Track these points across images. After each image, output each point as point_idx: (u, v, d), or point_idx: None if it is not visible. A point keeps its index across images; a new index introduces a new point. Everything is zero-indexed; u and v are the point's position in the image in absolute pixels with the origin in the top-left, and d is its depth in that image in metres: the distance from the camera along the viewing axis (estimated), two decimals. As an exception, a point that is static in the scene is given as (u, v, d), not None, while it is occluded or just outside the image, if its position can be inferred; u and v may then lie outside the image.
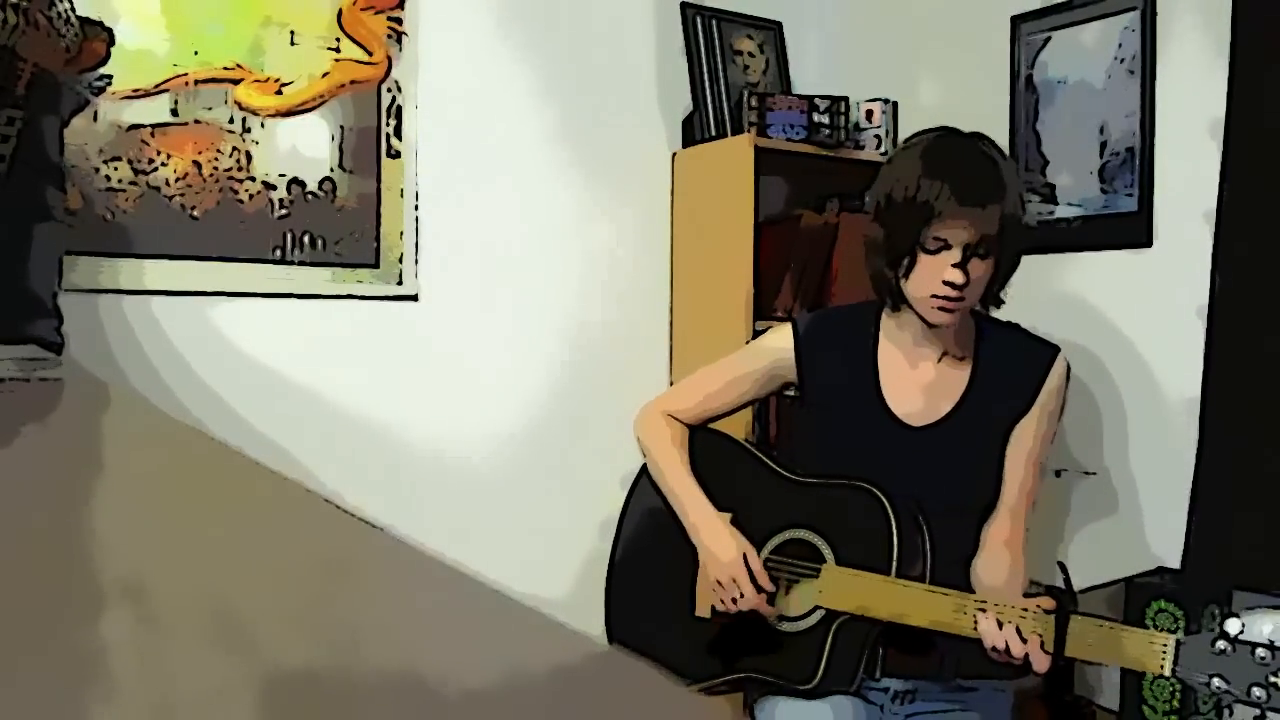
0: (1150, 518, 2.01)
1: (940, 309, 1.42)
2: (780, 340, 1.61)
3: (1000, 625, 1.29)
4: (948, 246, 1.40)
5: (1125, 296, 2.06)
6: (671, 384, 2.50)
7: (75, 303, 1.77)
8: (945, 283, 1.40)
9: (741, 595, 1.49)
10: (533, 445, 2.39)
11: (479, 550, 2.22)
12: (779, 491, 1.56)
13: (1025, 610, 1.30)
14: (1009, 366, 1.51)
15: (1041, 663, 1.27)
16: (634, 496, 1.75)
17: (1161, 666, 1.18)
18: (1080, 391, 2.09)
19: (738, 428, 2.11)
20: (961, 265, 1.39)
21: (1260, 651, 1.12)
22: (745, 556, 1.50)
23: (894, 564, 1.39)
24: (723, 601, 1.51)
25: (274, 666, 0.29)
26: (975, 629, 1.31)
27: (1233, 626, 1.15)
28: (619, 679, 0.30)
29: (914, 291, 1.44)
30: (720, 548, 1.52)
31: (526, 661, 0.29)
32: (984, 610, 1.31)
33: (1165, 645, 1.18)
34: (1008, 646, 1.28)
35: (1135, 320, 2.04)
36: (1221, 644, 1.15)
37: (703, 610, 1.60)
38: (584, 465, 2.40)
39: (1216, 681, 1.14)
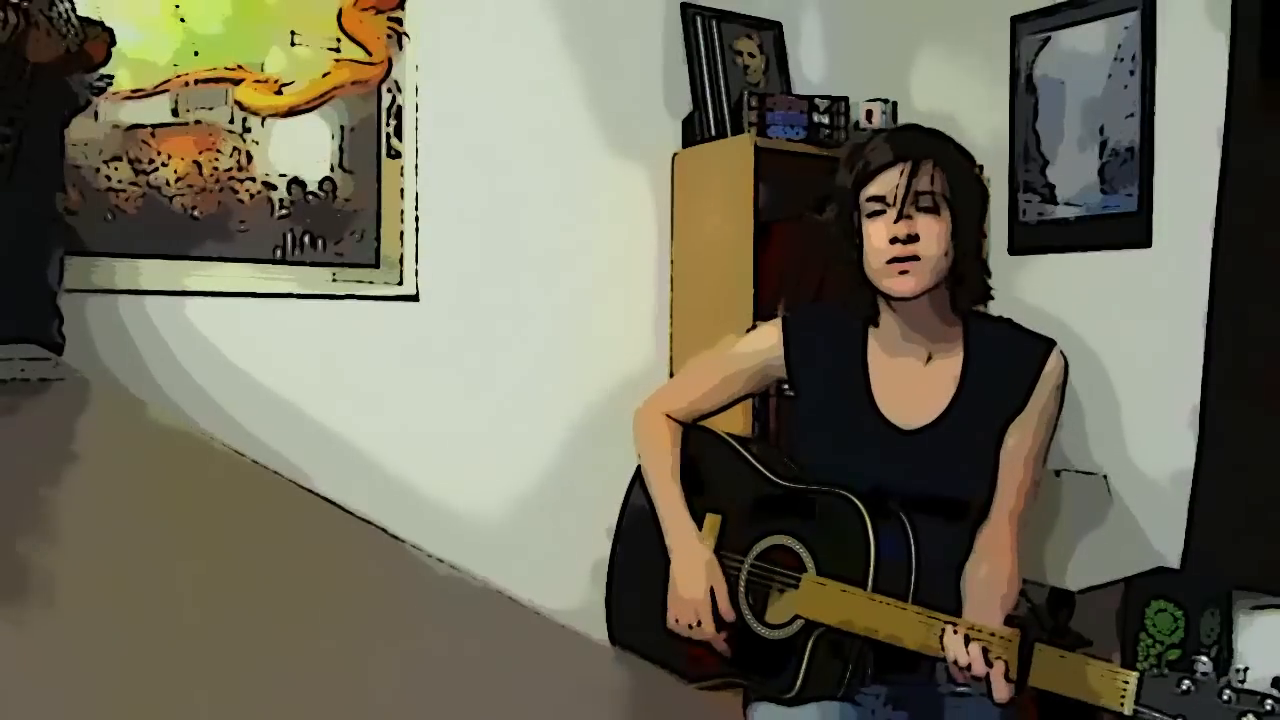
0: (1150, 518, 2.01)
1: (899, 273, 1.40)
2: (769, 339, 1.59)
3: (967, 642, 1.27)
4: (885, 204, 1.40)
5: (1125, 296, 2.06)
6: (671, 384, 2.50)
7: (76, 303, 1.77)
8: (892, 240, 1.38)
9: (698, 629, 1.48)
10: (532, 445, 2.39)
11: (479, 552, 2.23)
12: (766, 496, 1.54)
13: (994, 634, 1.28)
14: (1001, 363, 1.47)
15: (1001, 690, 1.25)
16: (631, 496, 1.74)
17: (1122, 704, 1.15)
18: (1080, 391, 2.09)
19: (737, 425, 2.11)
20: (903, 218, 1.39)
21: (1225, 693, 1.10)
22: (713, 590, 1.50)
23: (870, 578, 1.36)
24: (689, 628, 1.51)
25: (273, 666, 0.29)
26: (941, 644, 1.29)
27: (1201, 665, 1.13)
28: (622, 680, 0.30)
29: (872, 266, 1.42)
30: (688, 582, 1.52)
31: (530, 662, 0.29)
32: (954, 627, 1.29)
33: (1126, 681, 1.15)
34: (970, 664, 1.26)
35: (1135, 320, 2.04)
36: (1186, 684, 1.12)
37: None
38: (583, 464, 2.40)
39: None
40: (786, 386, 1.64)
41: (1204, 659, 1.14)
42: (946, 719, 1.49)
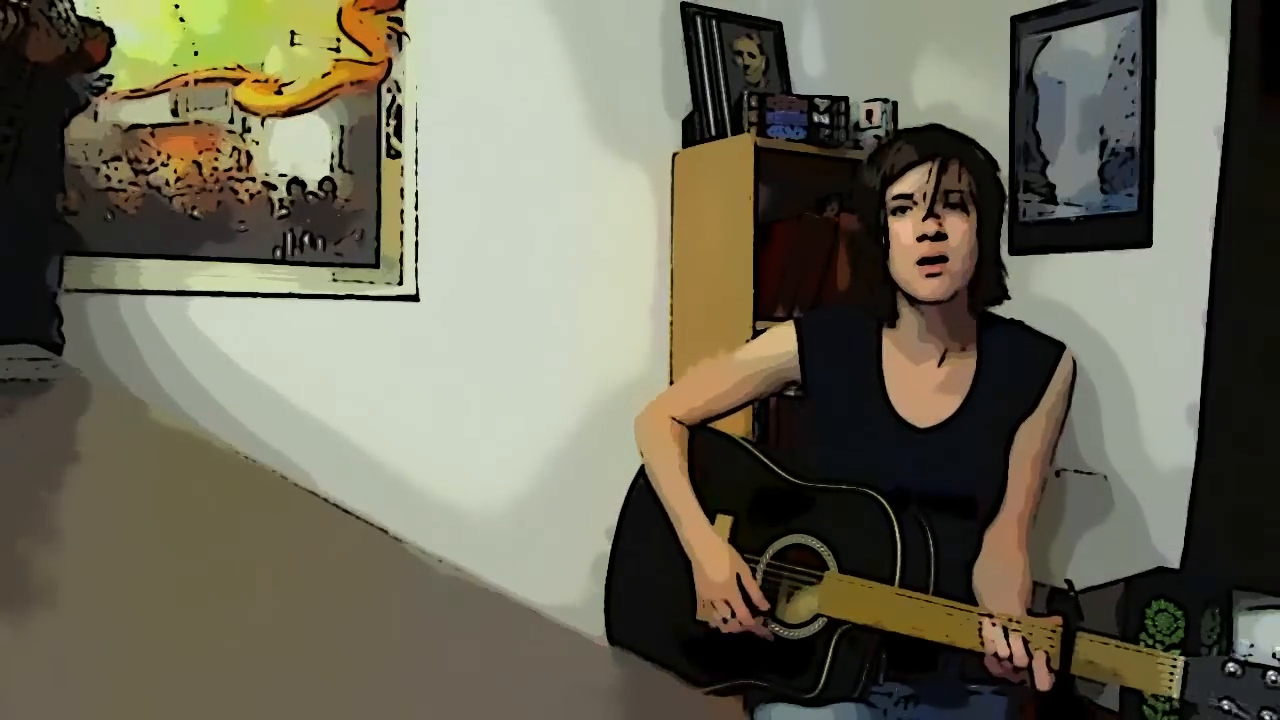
0: (1150, 518, 2.01)
1: (928, 275, 1.40)
2: (784, 342, 1.59)
3: (1007, 634, 1.27)
4: (913, 202, 1.40)
5: (1125, 296, 2.06)
6: (671, 383, 2.50)
7: (76, 303, 1.77)
8: (920, 237, 1.39)
9: (734, 615, 1.47)
10: (532, 444, 2.39)
11: (479, 551, 2.23)
12: (781, 495, 1.54)
13: (1031, 626, 1.27)
14: (1013, 365, 1.49)
15: (1044, 679, 1.25)
16: (633, 497, 1.73)
17: (1170, 688, 1.15)
18: (1080, 391, 2.08)
19: (737, 427, 2.10)
20: (931, 216, 1.39)
21: (1271, 674, 1.10)
22: (739, 577, 1.48)
23: (897, 573, 1.37)
24: (719, 620, 1.49)
25: (273, 668, 0.29)
26: (980, 638, 1.29)
27: (1243, 647, 1.13)
28: (622, 679, 0.30)
29: (899, 266, 1.43)
30: (713, 567, 1.50)
31: (529, 661, 0.29)
32: (992, 620, 1.29)
33: (1174, 666, 1.15)
34: (1012, 655, 1.26)
35: (1135, 320, 2.04)
36: (1232, 666, 1.12)
37: (702, 615, 1.58)
38: (583, 463, 2.40)
39: (1226, 704, 1.11)
40: (794, 389, 1.64)
41: (1246, 642, 1.14)
42: (957, 716, 1.49)
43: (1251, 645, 1.14)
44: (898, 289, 1.47)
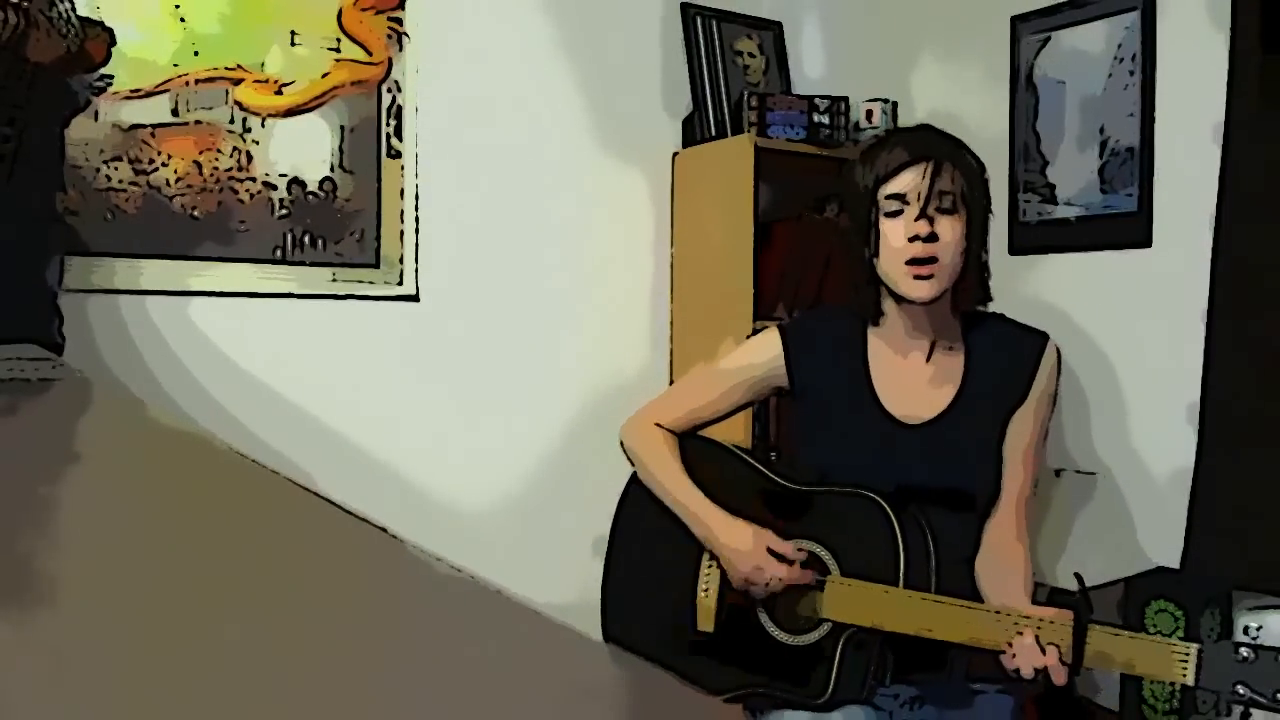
0: (1150, 518, 2.01)
1: (916, 276, 1.40)
2: (769, 348, 1.57)
3: (1020, 631, 1.26)
4: (905, 203, 1.40)
5: (1125, 296, 2.06)
6: (671, 383, 2.50)
7: (76, 303, 1.77)
8: (912, 238, 1.38)
9: (773, 577, 1.44)
10: (531, 444, 2.39)
11: (478, 551, 2.23)
12: (778, 500, 1.53)
13: (1041, 620, 1.27)
14: (1000, 357, 1.49)
15: (1059, 675, 1.24)
16: (624, 509, 1.71)
17: (1184, 676, 1.15)
18: (1080, 391, 2.09)
19: (737, 428, 2.11)
20: (923, 217, 1.39)
21: None
22: (764, 539, 1.47)
23: (901, 575, 1.37)
24: (766, 586, 1.46)
25: (273, 665, 0.29)
26: (993, 641, 1.28)
27: (1252, 630, 1.13)
28: (620, 678, 0.30)
29: (887, 266, 1.42)
30: (737, 541, 1.48)
31: (526, 659, 0.29)
32: (999, 619, 1.29)
33: (1187, 655, 1.15)
34: (1033, 663, 1.25)
35: (1135, 320, 2.04)
36: (1245, 650, 1.12)
37: (705, 625, 1.57)
38: (583, 463, 2.40)
39: (1240, 688, 1.11)
40: (783, 394, 1.63)
41: (1255, 626, 1.14)
42: (962, 717, 1.49)
43: (1260, 627, 1.14)
44: (883, 287, 1.47)
